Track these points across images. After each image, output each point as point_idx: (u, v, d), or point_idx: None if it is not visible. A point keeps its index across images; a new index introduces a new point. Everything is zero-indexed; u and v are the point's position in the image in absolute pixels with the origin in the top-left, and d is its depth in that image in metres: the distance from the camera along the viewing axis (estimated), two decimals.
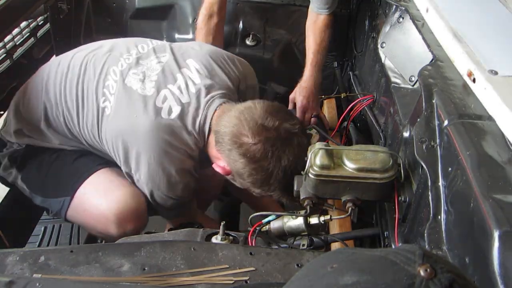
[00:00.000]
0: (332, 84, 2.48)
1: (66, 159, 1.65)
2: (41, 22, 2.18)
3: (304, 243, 1.39)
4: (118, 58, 1.58)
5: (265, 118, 1.37)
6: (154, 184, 1.51)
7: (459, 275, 0.53)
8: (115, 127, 1.49)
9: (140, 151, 1.47)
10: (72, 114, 1.57)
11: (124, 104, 1.49)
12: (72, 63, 1.62)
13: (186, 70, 1.56)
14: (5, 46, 1.91)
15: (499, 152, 0.96)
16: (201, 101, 1.50)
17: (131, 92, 1.50)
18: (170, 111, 1.46)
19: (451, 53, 1.32)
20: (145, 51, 1.62)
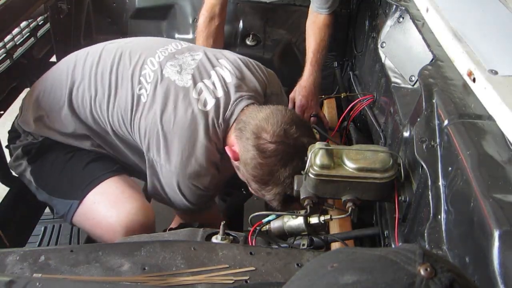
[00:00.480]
0: (332, 84, 2.48)
1: (80, 161, 1.65)
2: (41, 22, 2.18)
3: (304, 242, 1.39)
4: (155, 51, 1.63)
5: (290, 126, 1.44)
6: (184, 173, 1.53)
7: (459, 275, 0.53)
8: (152, 115, 1.52)
9: (175, 140, 1.50)
10: (102, 100, 1.59)
11: (161, 93, 1.53)
12: (104, 53, 1.65)
13: (219, 68, 1.62)
14: (5, 46, 1.91)
15: (499, 151, 0.96)
16: (231, 97, 1.55)
17: (169, 82, 1.55)
18: (205, 103, 1.52)
19: (451, 53, 1.32)
20: (179, 48, 1.67)
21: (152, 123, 1.52)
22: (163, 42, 1.70)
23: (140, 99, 1.54)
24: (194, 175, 1.54)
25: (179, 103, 1.51)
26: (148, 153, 1.56)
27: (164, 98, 1.52)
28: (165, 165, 1.53)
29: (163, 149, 1.52)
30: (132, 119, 1.55)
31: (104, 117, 1.60)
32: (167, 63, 1.59)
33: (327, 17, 2.08)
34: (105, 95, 1.59)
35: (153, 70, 1.57)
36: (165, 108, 1.51)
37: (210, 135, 1.52)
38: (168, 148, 1.51)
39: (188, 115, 1.50)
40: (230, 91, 1.57)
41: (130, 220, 1.53)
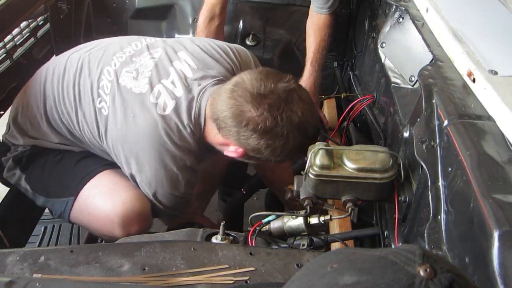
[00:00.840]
0: (332, 84, 2.48)
1: (70, 160, 1.64)
2: (41, 22, 2.18)
3: (304, 243, 1.39)
4: (112, 58, 1.57)
5: (259, 87, 1.35)
6: (157, 183, 1.50)
7: (459, 275, 0.53)
8: (113, 128, 1.48)
9: (140, 151, 1.46)
10: (71, 115, 1.57)
11: (119, 104, 1.48)
12: (68, 64, 1.61)
13: (178, 62, 1.54)
14: (5, 46, 1.90)
15: (499, 152, 0.96)
16: (194, 93, 1.48)
17: (126, 91, 1.49)
18: (165, 106, 1.45)
19: (451, 53, 1.32)
20: (138, 48, 1.61)
21: (116, 136, 1.48)
22: (122, 44, 1.62)
23: (101, 112, 1.50)
24: (167, 184, 1.50)
25: (137, 111, 1.45)
26: (122, 166, 1.53)
27: (123, 109, 1.47)
28: (137, 176, 1.51)
29: (132, 162, 1.48)
30: (99, 134, 1.52)
31: (78, 131, 1.58)
32: (123, 70, 1.53)
33: (327, 17, 2.08)
34: (72, 110, 1.55)
35: (109, 80, 1.52)
36: (125, 119, 1.46)
37: (175, 140, 1.45)
38: (138, 161, 1.48)
39: (148, 123, 1.43)
40: (191, 87, 1.49)
41: (126, 209, 1.51)
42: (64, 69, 1.61)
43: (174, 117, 1.44)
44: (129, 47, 1.61)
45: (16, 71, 2.00)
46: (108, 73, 1.54)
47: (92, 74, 1.55)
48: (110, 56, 1.58)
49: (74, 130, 1.59)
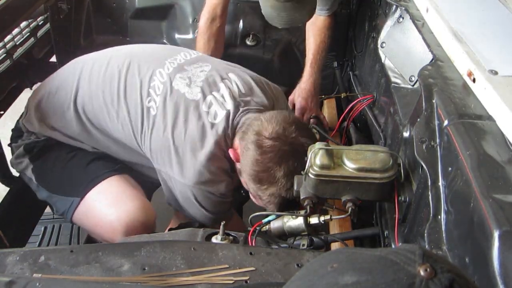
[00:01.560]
0: (332, 84, 2.48)
1: (82, 160, 1.65)
2: (41, 22, 2.18)
3: (304, 243, 1.39)
4: (164, 61, 1.62)
5: (289, 125, 1.45)
6: (198, 183, 1.52)
7: (459, 275, 0.53)
8: (163, 129, 1.52)
9: (187, 153, 1.50)
10: (109, 108, 1.58)
11: (171, 106, 1.53)
12: (113, 61, 1.64)
13: (228, 82, 1.61)
14: (5, 46, 1.91)
15: (499, 152, 0.96)
16: (240, 109, 1.56)
17: (179, 95, 1.54)
18: (215, 115, 1.53)
19: (451, 53, 1.32)
20: (188, 58, 1.67)
21: (163, 137, 1.52)
22: (172, 52, 1.69)
23: (149, 111, 1.54)
24: (209, 183, 1.53)
25: (190, 116, 1.51)
26: (160, 167, 1.56)
27: (175, 112, 1.52)
28: (179, 179, 1.53)
29: (175, 163, 1.52)
30: (141, 132, 1.55)
31: (109, 125, 1.60)
32: (177, 75, 1.58)
33: (327, 19, 2.09)
34: (113, 104, 1.58)
35: (162, 82, 1.57)
36: (175, 122, 1.51)
37: (220, 145, 1.52)
38: (181, 162, 1.51)
39: (199, 128, 1.50)
40: (239, 104, 1.57)
41: (130, 219, 1.52)
42: (107, 63, 1.63)
43: (223, 125, 1.52)
44: (179, 55, 1.67)
45: (16, 71, 2.00)
46: (160, 74, 1.58)
47: (142, 73, 1.59)
48: (163, 59, 1.63)
49: (104, 122, 1.60)
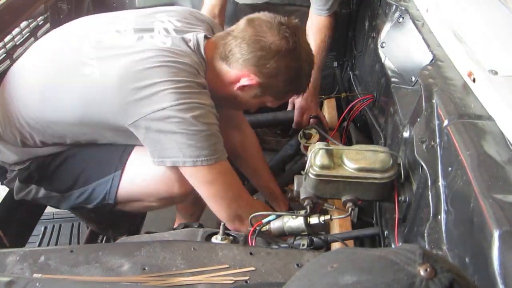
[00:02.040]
0: (332, 84, 2.48)
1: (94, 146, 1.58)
2: (41, 22, 2.18)
3: (304, 243, 1.39)
4: (87, 31, 1.52)
5: (275, 18, 1.47)
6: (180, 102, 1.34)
7: (459, 275, 0.53)
8: (115, 83, 1.36)
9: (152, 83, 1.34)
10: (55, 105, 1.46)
11: (110, 58, 1.40)
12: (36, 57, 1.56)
13: (159, 23, 1.49)
14: (5, 46, 1.90)
15: (499, 152, 0.96)
16: (188, 35, 1.47)
17: (114, 46, 1.42)
18: (163, 42, 1.42)
19: (451, 53, 1.32)
20: (108, 19, 1.57)
21: (119, 87, 1.36)
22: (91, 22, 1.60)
23: (92, 77, 1.39)
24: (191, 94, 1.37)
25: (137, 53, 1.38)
26: (135, 117, 1.37)
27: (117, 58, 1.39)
28: (162, 108, 1.34)
29: (148, 97, 1.34)
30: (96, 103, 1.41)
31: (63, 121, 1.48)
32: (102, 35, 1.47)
33: (327, 19, 2.09)
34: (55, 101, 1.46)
35: (91, 47, 1.44)
36: (124, 66, 1.37)
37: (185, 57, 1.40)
38: (153, 91, 1.34)
39: (153, 54, 1.37)
40: (181, 33, 1.47)
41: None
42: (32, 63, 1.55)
43: (176, 45, 1.42)
44: (98, 20, 1.59)
45: None
46: (88, 43, 1.46)
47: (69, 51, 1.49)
48: (85, 31, 1.53)
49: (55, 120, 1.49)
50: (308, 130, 2.03)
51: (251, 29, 1.44)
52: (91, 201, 1.63)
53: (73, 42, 1.51)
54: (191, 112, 1.35)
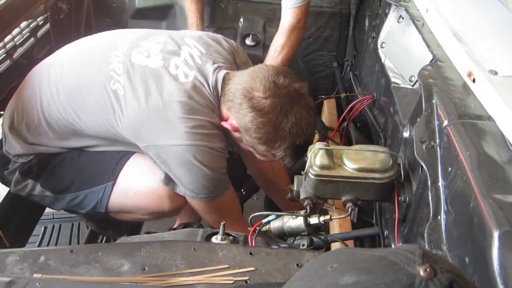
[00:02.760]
0: (332, 84, 2.48)
1: (92, 152, 1.61)
2: (41, 22, 2.18)
3: (304, 243, 1.39)
4: (115, 43, 1.56)
5: (277, 77, 1.42)
6: (193, 139, 1.42)
7: (459, 275, 0.53)
8: (136, 104, 1.44)
9: (171, 114, 1.41)
10: (77, 109, 1.52)
11: (138, 79, 1.46)
12: (66, 61, 1.59)
13: (186, 47, 1.55)
14: (5, 46, 1.90)
15: (499, 152, 0.96)
16: (209, 69, 1.50)
17: (141, 68, 1.48)
18: (186, 74, 1.47)
19: (451, 53, 1.32)
20: (139, 35, 1.60)
21: (139, 110, 1.43)
22: (121, 33, 1.64)
23: (117, 93, 1.46)
24: (203, 136, 1.43)
25: (161, 81, 1.44)
26: (147, 143, 1.46)
27: (143, 82, 1.45)
28: (172, 143, 1.42)
29: (163, 129, 1.42)
30: (115, 117, 1.47)
31: (83, 127, 1.54)
32: (133, 52, 1.52)
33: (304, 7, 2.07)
34: (77, 103, 1.52)
35: (120, 61, 1.50)
36: (148, 91, 1.44)
37: (203, 96, 1.45)
38: (169, 126, 1.42)
39: (175, 88, 1.43)
40: (205, 63, 1.51)
41: None
42: (61, 65, 1.58)
43: (198, 78, 1.46)
44: (129, 34, 1.61)
45: (16, 71, 2.00)
46: (116, 56, 1.52)
47: (97, 60, 1.54)
48: (113, 42, 1.57)
49: (77, 126, 1.54)
50: None
51: (249, 77, 1.44)
52: (83, 207, 1.66)
53: (103, 53, 1.55)
54: (199, 155, 1.42)
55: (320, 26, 2.37)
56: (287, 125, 1.41)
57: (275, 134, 1.42)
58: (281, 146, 1.44)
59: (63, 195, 1.65)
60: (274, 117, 1.40)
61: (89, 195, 1.61)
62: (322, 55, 2.44)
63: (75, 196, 1.64)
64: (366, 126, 1.87)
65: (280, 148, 1.45)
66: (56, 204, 1.68)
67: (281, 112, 1.40)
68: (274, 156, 1.49)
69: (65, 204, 1.67)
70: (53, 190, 1.65)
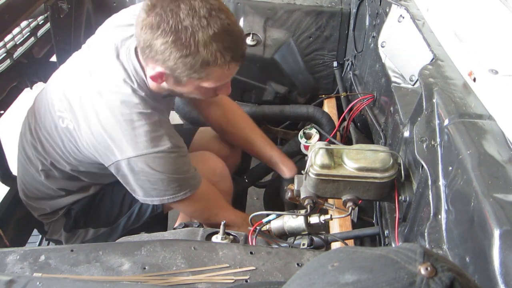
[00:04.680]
0: (332, 84, 2.48)
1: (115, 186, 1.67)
2: (41, 22, 2.18)
3: (304, 242, 1.39)
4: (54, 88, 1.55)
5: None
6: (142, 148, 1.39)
7: (460, 274, 0.53)
8: (83, 132, 1.44)
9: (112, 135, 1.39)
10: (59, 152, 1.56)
11: (76, 111, 1.44)
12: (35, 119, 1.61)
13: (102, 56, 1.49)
14: (5, 46, 1.91)
15: (500, 151, 0.96)
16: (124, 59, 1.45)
17: (74, 99, 1.45)
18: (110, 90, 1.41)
19: (452, 52, 1.32)
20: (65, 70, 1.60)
21: (87, 134, 1.43)
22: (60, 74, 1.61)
23: (68, 129, 1.47)
24: (151, 142, 1.39)
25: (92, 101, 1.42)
26: (107, 162, 1.46)
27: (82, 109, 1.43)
28: (123, 157, 1.41)
29: (111, 147, 1.40)
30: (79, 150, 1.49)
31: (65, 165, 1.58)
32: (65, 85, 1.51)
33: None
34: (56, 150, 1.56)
35: (60, 99, 1.49)
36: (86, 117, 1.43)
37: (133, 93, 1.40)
38: (114, 142, 1.39)
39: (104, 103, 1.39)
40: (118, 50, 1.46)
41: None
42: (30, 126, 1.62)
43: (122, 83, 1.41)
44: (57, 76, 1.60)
45: (16, 70, 2.00)
46: (56, 96, 1.51)
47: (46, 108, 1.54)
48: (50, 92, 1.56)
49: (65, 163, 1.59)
50: (308, 130, 2.03)
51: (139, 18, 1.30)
52: (140, 218, 1.70)
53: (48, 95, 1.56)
54: (151, 162, 1.41)
55: (320, 25, 2.37)
56: (184, 22, 1.23)
57: (181, 39, 1.24)
58: (198, 47, 1.25)
59: (117, 222, 1.71)
60: (166, 24, 1.24)
61: (143, 203, 1.63)
62: (322, 54, 2.44)
63: (131, 214, 1.69)
64: (366, 126, 1.87)
65: (200, 50, 1.26)
66: (112, 235, 1.72)
67: (168, 15, 1.23)
68: (208, 65, 1.29)
69: (121, 229, 1.72)
70: (107, 224, 1.72)
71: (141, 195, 1.51)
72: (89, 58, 1.53)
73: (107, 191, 1.71)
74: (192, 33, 1.25)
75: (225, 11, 1.34)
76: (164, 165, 1.43)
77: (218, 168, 1.72)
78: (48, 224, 1.74)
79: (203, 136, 2.02)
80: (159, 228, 1.77)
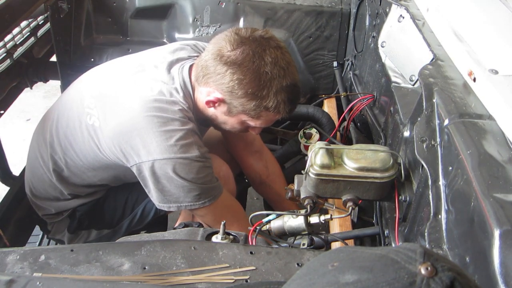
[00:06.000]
0: (332, 84, 2.48)
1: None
2: (41, 22, 2.19)
3: (304, 242, 1.39)
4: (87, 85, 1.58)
5: (238, 30, 1.42)
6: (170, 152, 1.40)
7: (460, 274, 0.53)
8: (111, 129, 1.45)
9: (142, 134, 1.40)
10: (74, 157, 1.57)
11: (108, 108, 1.47)
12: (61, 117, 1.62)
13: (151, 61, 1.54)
14: (5, 46, 1.91)
15: (500, 151, 0.96)
16: (175, 71, 1.49)
17: (110, 96, 1.49)
18: (152, 89, 1.45)
19: (452, 52, 1.32)
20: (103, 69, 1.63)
21: (115, 132, 1.44)
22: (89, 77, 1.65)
23: (94, 126, 1.48)
24: (180, 148, 1.41)
25: (127, 103, 1.44)
26: (130, 162, 1.46)
27: (112, 109, 1.47)
28: (148, 159, 1.42)
29: (138, 147, 1.41)
30: (99, 148, 1.50)
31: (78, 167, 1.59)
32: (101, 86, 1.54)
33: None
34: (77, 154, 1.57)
35: (91, 96, 1.52)
36: (117, 117, 1.45)
37: (174, 102, 1.43)
38: (143, 142, 1.41)
39: (140, 106, 1.41)
40: (170, 67, 1.50)
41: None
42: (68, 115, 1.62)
43: (165, 89, 1.45)
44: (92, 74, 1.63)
45: (16, 70, 2.00)
46: (89, 94, 1.53)
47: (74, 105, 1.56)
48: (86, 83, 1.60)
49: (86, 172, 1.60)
50: (308, 130, 2.03)
51: (213, 46, 1.42)
52: (143, 220, 1.71)
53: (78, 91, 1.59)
54: (177, 167, 1.41)
55: (320, 25, 2.37)
56: (266, 68, 1.36)
57: (258, 81, 1.37)
58: (269, 93, 1.39)
59: (120, 224, 1.72)
60: (250, 64, 1.36)
61: (147, 204, 1.66)
62: (322, 54, 2.44)
63: (134, 216, 1.70)
64: (367, 126, 1.87)
65: (270, 96, 1.39)
66: (114, 237, 1.73)
67: (255, 56, 1.36)
68: (267, 110, 1.42)
69: (123, 231, 1.72)
70: (110, 226, 1.72)
71: (158, 200, 1.50)
72: (140, 62, 1.56)
73: (111, 193, 1.71)
74: (270, 79, 1.37)
75: (295, 67, 1.48)
76: (188, 172, 1.44)
77: (222, 170, 1.71)
78: (51, 224, 1.74)
79: (208, 140, 2.02)
80: (159, 228, 1.76)
